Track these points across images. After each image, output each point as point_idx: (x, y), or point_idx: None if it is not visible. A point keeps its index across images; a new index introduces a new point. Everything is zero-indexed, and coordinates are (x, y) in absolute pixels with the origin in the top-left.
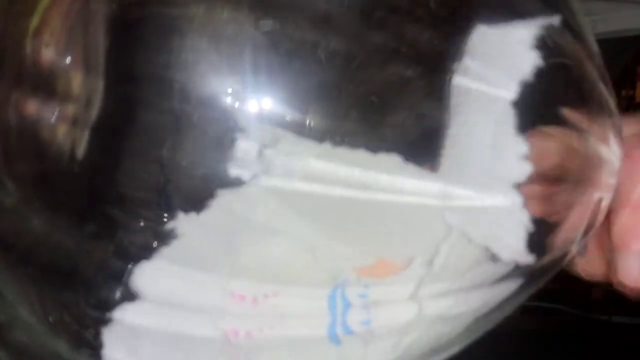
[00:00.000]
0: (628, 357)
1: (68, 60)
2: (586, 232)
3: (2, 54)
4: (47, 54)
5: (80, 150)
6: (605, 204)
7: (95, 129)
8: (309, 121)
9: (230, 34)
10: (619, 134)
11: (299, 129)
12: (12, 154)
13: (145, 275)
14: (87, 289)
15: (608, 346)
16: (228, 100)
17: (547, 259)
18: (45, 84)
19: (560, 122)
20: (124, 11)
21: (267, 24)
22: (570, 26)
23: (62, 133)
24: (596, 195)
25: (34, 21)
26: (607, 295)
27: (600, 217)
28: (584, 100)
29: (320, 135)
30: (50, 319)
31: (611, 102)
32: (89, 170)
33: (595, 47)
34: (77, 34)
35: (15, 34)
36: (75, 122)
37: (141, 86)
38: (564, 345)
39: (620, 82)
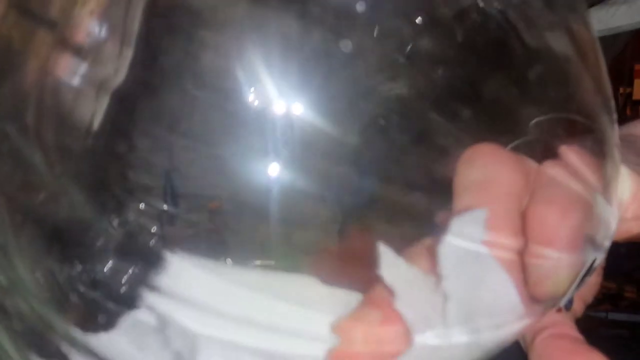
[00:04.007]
0: (625, 352)
1: (106, 29)
2: (577, 288)
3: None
4: (90, 22)
5: (99, 116)
6: (597, 263)
7: (116, 96)
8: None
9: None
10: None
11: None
12: (43, 112)
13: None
14: (87, 265)
15: (605, 342)
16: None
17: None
18: (81, 48)
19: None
20: None
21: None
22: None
23: (87, 96)
24: (591, 256)
25: None
26: (604, 292)
27: (591, 274)
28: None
29: None
30: (52, 289)
31: (618, 156)
32: (104, 138)
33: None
34: (119, 8)
35: (69, 3)
36: (100, 85)
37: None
38: None
39: (618, 79)
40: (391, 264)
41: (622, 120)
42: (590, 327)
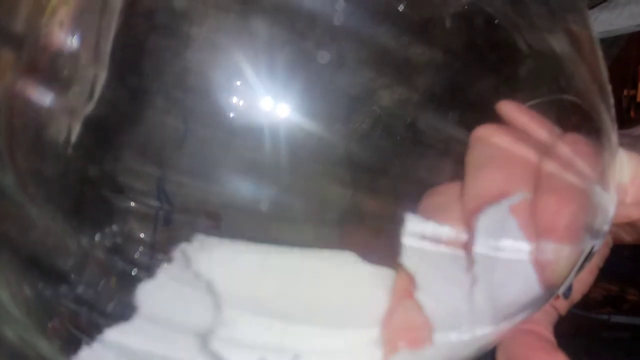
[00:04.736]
0: (626, 355)
1: (77, 42)
2: (575, 275)
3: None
4: (60, 34)
5: (73, 139)
6: (596, 249)
7: (91, 119)
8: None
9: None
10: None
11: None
12: (14, 135)
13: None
14: (68, 284)
15: (607, 345)
16: (230, 102)
17: (535, 301)
18: (52, 67)
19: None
20: (135, 4)
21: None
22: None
23: (59, 120)
24: (589, 244)
25: (53, 1)
26: (606, 295)
27: (588, 262)
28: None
29: None
30: (32, 312)
31: (616, 143)
32: (79, 159)
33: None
34: (91, 19)
35: (35, 14)
36: (73, 111)
37: (144, 84)
38: (564, 343)
39: (623, 82)
40: (414, 251)
41: (626, 122)
42: (592, 329)
